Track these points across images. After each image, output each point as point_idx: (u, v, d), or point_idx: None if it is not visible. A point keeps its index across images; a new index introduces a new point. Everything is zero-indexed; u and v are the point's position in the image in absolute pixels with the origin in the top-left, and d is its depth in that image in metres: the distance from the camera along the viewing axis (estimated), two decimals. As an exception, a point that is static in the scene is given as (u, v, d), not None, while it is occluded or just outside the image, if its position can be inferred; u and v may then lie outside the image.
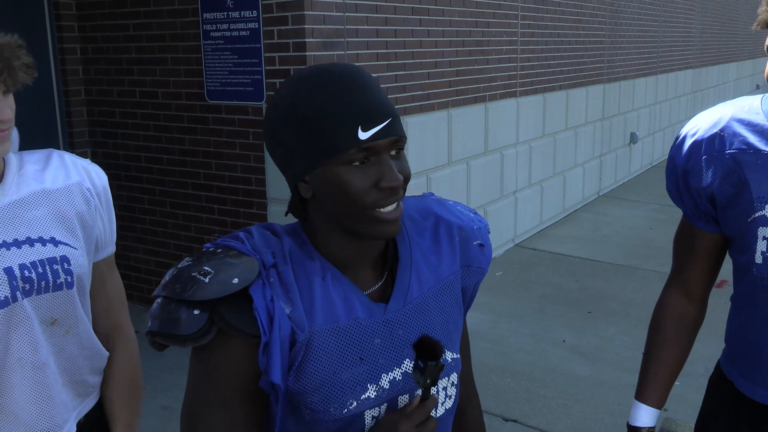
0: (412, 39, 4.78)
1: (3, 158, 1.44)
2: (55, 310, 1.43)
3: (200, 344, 1.03)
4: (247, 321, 1.02)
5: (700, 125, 1.51)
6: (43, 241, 1.41)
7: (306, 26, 3.91)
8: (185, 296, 1.01)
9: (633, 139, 9.14)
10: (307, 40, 3.92)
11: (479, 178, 5.82)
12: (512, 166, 6.33)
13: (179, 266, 1.06)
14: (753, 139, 1.42)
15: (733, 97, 1.53)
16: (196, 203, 4.58)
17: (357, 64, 4.29)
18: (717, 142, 1.46)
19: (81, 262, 1.46)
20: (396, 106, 4.68)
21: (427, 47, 4.96)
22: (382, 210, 1.03)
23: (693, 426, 1.71)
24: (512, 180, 6.36)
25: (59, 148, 5.43)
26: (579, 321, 4.75)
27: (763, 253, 1.40)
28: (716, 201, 1.47)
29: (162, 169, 4.69)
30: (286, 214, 1.18)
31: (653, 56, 9.75)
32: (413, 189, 4.97)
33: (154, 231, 4.84)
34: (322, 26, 4.02)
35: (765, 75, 1.38)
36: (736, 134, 1.44)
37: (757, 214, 1.40)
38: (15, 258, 1.37)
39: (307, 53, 3.93)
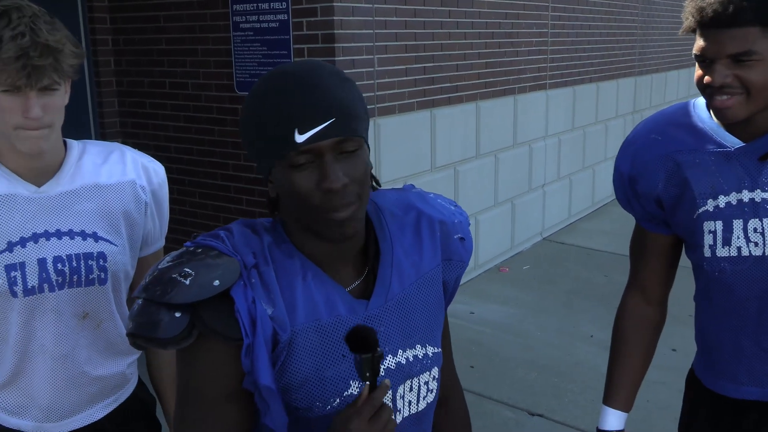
0: (440, 31, 4.75)
1: (66, 145, 1.48)
2: (87, 304, 1.46)
3: (182, 347, 1.02)
4: (228, 323, 1.01)
5: (639, 133, 1.59)
6: (84, 235, 1.44)
7: (335, 18, 3.90)
8: (165, 299, 1.00)
9: (664, 132, 9.02)
10: (335, 31, 3.91)
11: (507, 171, 5.78)
12: (541, 159, 6.28)
13: (159, 267, 1.05)
14: (688, 139, 1.49)
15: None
16: (224, 194, 4.61)
17: (386, 56, 4.28)
18: (656, 146, 1.53)
19: (119, 260, 1.49)
20: (424, 98, 4.68)
21: (456, 39, 4.94)
22: (330, 213, 1.02)
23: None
24: (541, 173, 6.31)
25: (91, 138, 5.50)
26: (607, 316, 4.70)
27: (710, 246, 1.47)
28: (663, 203, 1.54)
29: (191, 160, 4.73)
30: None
31: (687, 48, 9.60)
32: (442, 181, 4.96)
33: (183, 221, 4.88)
34: (351, 18, 4.01)
35: (695, 80, 1.44)
36: (672, 137, 1.51)
37: (700, 210, 1.47)
38: (51, 250, 1.40)
39: (335, 45, 3.93)
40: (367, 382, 1.00)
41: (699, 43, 1.38)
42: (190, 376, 1.05)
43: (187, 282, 1.01)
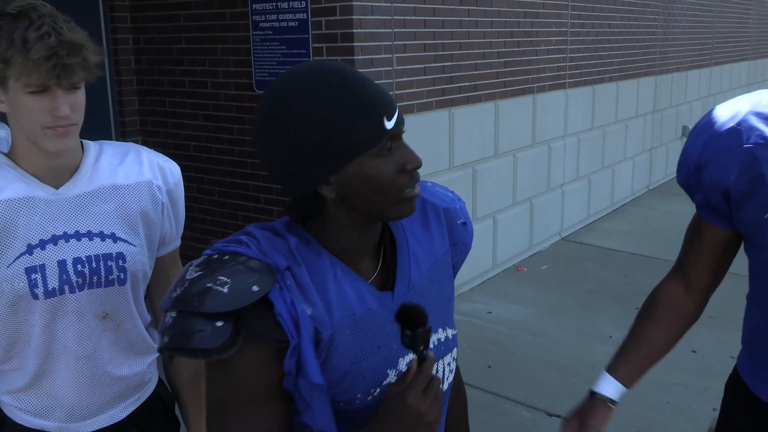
0: (459, 30, 4.75)
1: (83, 146, 1.48)
2: (106, 304, 1.46)
3: (225, 357, 1.01)
4: (271, 327, 1.01)
5: (716, 119, 1.46)
6: (102, 236, 1.44)
7: (354, 17, 3.91)
8: (206, 309, 0.99)
9: (685, 132, 8.94)
10: (354, 30, 3.92)
11: (526, 171, 5.76)
12: (560, 158, 6.25)
13: (188, 277, 1.03)
14: None
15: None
16: (243, 192, 4.63)
17: (404, 55, 4.28)
18: (733, 136, 1.41)
19: (137, 260, 1.49)
20: (443, 98, 4.67)
21: (475, 38, 4.92)
22: (408, 191, 1.07)
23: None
24: (560, 173, 6.28)
25: (111, 137, 5.52)
26: (626, 317, 4.67)
27: None
28: (731, 196, 1.43)
29: (210, 158, 4.76)
30: (292, 221, 1.14)
31: (708, 47, 9.51)
32: (460, 180, 4.95)
33: (202, 219, 4.91)
34: (370, 17, 4.01)
35: None
36: (753, 128, 1.39)
37: None
38: (71, 251, 1.40)
39: (354, 44, 3.93)
40: (414, 357, 1.03)
41: None
42: (230, 383, 1.04)
43: (225, 290, 0.99)
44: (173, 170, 1.58)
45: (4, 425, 1.48)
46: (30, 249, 1.37)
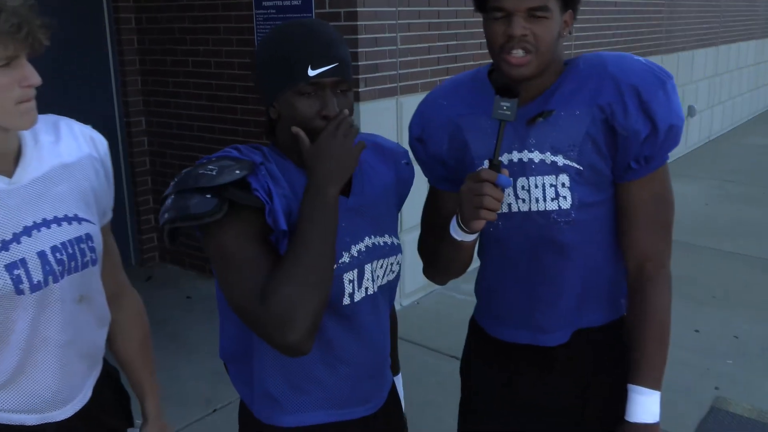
0: (464, 8, 4.71)
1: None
2: (82, 286, 1.42)
3: (214, 219, 1.25)
4: (251, 198, 1.28)
5: (429, 97, 1.68)
6: (69, 220, 1.38)
7: (357, -5, 3.88)
8: (199, 184, 1.25)
9: (691, 112, 8.90)
10: (358, 9, 3.89)
11: (530, 151, 5.74)
12: (564, 138, 6.22)
13: (184, 171, 1.30)
14: (470, 102, 1.59)
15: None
16: (247, 172, 4.62)
17: (409, 34, 4.26)
18: (442, 110, 1.63)
19: (99, 237, 1.45)
20: (447, 77, 4.64)
21: (480, 17, 4.88)
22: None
23: (745, 405, 1.69)
24: (564, 153, 6.25)
25: (114, 117, 5.47)
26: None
27: None
28: (448, 165, 1.63)
29: (214, 138, 4.75)
30: (262, 136, 1.34)
31: (714, 26, 9.43)
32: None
33: (206, 199, 4.91)
34: (374, -5, 3.98)
35: (491, 38, 1.52)
36: (457, 101, 1.62)
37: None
38: (46, 240, 1.34)
39: (358, 23, 3.91)
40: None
41: None
42: (228, 242, 1.28)
43: (214, 173, 1.27)
44: (101, 140, 1.52)
45: None
46: (5, 245, 1.29)
